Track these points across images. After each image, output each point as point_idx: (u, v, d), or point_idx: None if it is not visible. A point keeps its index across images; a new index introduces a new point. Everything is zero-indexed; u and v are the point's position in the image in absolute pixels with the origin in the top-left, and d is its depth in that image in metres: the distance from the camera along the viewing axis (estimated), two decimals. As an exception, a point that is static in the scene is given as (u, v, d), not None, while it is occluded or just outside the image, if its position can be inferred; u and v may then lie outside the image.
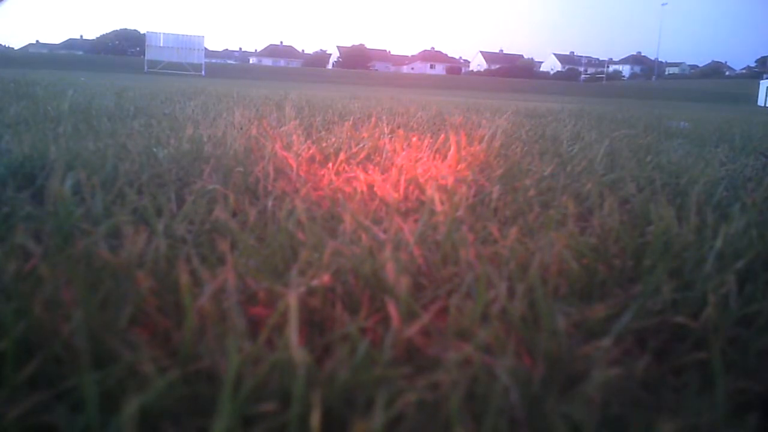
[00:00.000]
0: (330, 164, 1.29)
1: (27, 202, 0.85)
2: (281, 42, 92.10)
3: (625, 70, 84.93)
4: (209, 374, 0.46)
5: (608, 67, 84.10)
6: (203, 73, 25.30)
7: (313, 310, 0.58)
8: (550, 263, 0.66)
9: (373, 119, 2.30)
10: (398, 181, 1.08)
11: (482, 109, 4.86)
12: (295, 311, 0.45)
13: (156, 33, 26.27)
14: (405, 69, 76.41)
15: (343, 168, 1.28)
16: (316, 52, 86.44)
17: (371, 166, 1.32)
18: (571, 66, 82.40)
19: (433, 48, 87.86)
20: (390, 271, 0.59)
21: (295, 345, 0.43)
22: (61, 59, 31.86)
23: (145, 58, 26.37)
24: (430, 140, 1.61)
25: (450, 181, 1.05)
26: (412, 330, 0.51)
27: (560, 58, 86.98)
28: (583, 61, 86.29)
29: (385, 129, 1.92)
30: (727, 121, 4.86)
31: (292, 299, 0.46)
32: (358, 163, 1.36)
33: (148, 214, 0.76)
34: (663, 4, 66.80)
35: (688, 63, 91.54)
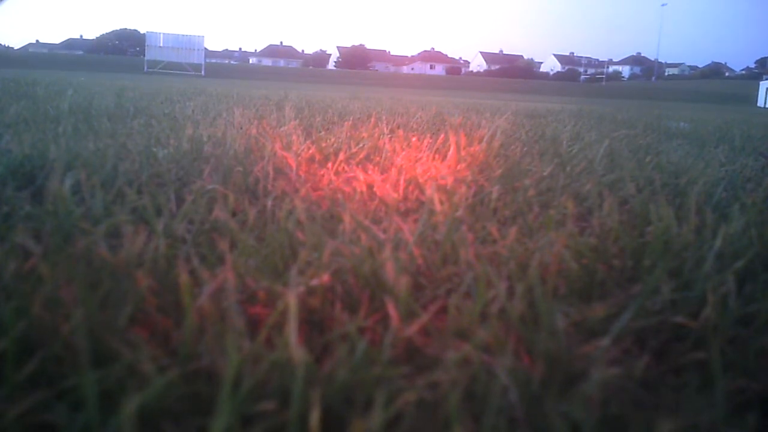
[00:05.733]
0: (330, 164, 1.29)
1: (27, 202, 0.85)
2: (281, 42, 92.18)
3: (625, 70, 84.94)
4: (209, 373, 0.46)
5: (608, 67, 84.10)
6: (203, 73, 25.31)
7: (312, 309, 0.58)
8: (550, 263, 0.66)
9: (373, 119, 2.31)
10: (398, 181, 1.09)
11: (482, 109, 4.86)
12: (294, 311, 0.45)
13: (156, 33, 26.27)
14: (405, 69, 76.43)
15: (343, 168, 1.28)
16: (316, 52, 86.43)
17: (371, 166, 1.32)
18: (570, 66, 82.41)
19: (433, 48, 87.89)
20: (389, 270, 0.59)
21: (294, 344, 0.43)
22: (60, 59, 31.86)
23: (145, 58, 26.38)
24: (430, 140, 1.61)
25: (450, 181, 1.05)
26: (412, 329, 0.51)
27: (560, 58, 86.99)
28: (582, 62, 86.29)
29: (385, 129, 1.92)
30: (726, 122, 4.86)
31: (291, 299, 0.46)
32: (357, 163, 1.36)
33: (148, 214, 0.76)
34: (663, 5, 66.78)
35: (687, 64, 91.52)
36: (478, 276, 0.56)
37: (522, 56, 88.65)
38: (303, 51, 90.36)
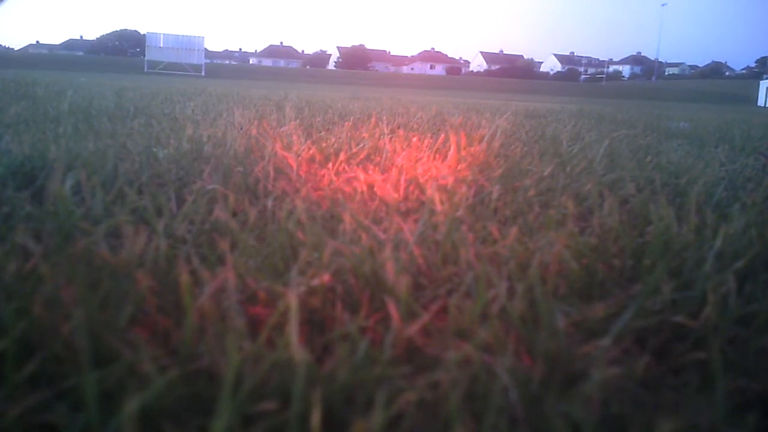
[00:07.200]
0: (330, 164, 1.29)
1: (27, 202, 0.85)
2: (281, 42, 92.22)
3: (625, 70, 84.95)
4: (209, 373, 0.46)
5: (608, 67, 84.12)
6: (203, 73, 25.32)
7: (313, 309, 0.58)
8: (550, 263, 0.66)
9: (373, 119, 2.31)
10: (398, 181, 1.09)
11: (482, 109, 4.86)
12: (295, 311, 0.45)
13: (156, 33, 26.30)
14: (405, 69, 76.46)
15: (343, 168, 1.28)
16: (316, 52, 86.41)
17: (371, 166, 1.32)
18: (571, 66, 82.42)
19: (433, 48, 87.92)
20: (390, 270, 0.59)
21: (295, 344, 0.43)
22: (61, 60, 31.88)
23: (145, 58, 26.41)
24: (430, 140, 1.61)
25: (450, 181, 1.05)
26: (412, 329, 0.51)
27: (560, 58, 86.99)
28: (583, 62, 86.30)
29: (385, 129, 1.92)
30: (726, 122, 4.86)
31: (292, 299, 0.46)
32: (358, 163, 1.37)
33: (148, 214, 0.76)
34: (663, 4, 66.68)
35: (688, 63, 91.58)
36: (479, 276, 0.56)
37: (522, 56, 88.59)
38: (303, 51, 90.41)
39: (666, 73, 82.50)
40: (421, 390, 0.44)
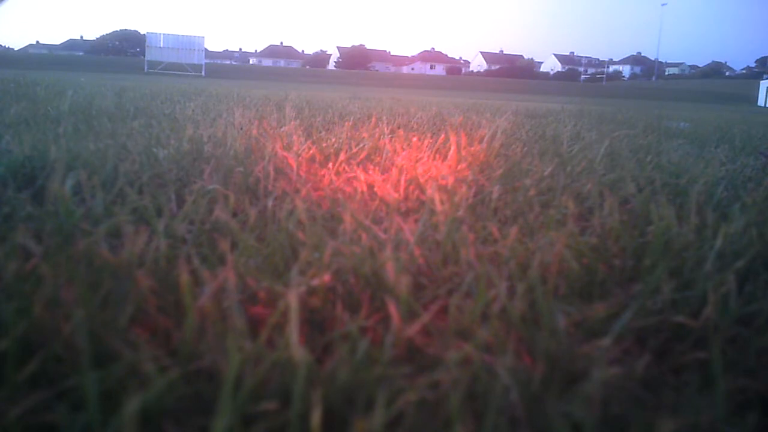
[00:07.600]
0: (330, 164, 1.29)
1: (28, 202, 0.85)
2: (281, 42, 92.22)
3: (625, 70, 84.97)
4: (210, 373, 0.46)
5: (608, 67, 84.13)
6: (203, 73, 25.31)
7: (313, 309, 0.58)
8: (550, 263, 0.66)
9: (373, 119, 2.30)
10: (398, 181, 1.09)
11: (482, 109, 4.86)
12: (295, 311, 0.45)
13: (156, 34, 26.28)
14: (405, 69, 76.46)
15: (344, 168, 1.28)
16: (316, 52, 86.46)
17: (371, 166, 1.33)
18: (571, 66, 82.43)
19: (433, 48, 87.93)
20: (390, 270, 0.59)
21: (295, 344, 0.43)
22: (61, 60, 31.89)
23: (145, 58, 26.40)
24: (431, 140, 1.61)
25: (450, 181, 1.05)
26: (413, 329, 0.51)
27: (560, 58, 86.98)
28: (583, 62, 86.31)
29: (385, 129, 1.92)
30: (727, 122, 4.86)
31: (292, 299, 0.46)
32: (358, 163, 1.37)
33: (149, 214, 0.76)
34: (663, 4, 66.62)
35: (688, 63, 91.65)
36: (479, 276, 0.56)
37: (522, 56, 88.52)
38: (303, 51, 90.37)
39: (666, 73, 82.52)
40: (422, 390, 0.44)
